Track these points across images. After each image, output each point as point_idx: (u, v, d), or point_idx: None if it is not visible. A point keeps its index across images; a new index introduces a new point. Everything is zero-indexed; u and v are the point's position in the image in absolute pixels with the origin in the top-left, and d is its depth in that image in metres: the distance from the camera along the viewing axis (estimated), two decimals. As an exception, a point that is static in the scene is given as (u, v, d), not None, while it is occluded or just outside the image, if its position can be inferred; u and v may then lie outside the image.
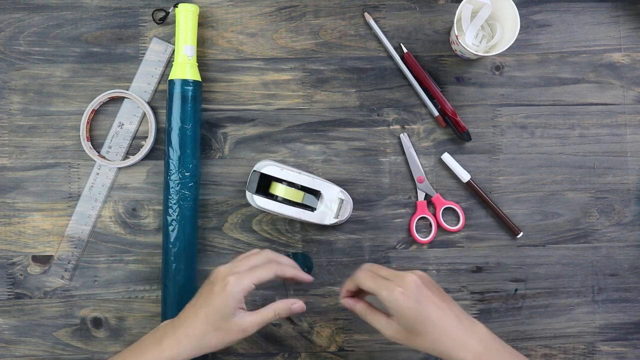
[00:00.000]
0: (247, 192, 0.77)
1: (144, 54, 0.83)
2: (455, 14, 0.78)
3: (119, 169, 0.83)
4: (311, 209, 0.78)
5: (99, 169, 0.82)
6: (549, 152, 0.83)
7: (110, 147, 0.83)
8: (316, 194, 0.79)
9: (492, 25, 0.81)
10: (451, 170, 0.83)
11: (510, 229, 0.82)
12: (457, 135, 0.82)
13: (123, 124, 0.83)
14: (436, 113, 0.82)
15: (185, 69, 0.79)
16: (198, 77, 0.80)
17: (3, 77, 0.83)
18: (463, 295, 0.83)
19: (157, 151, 0.83)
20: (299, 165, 0.83)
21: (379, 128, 0.83)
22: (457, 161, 0.82)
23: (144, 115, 0.83)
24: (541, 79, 0.84)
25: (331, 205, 0.78)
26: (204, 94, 0.83)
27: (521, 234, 0.82)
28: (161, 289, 0.80)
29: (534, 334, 0.83)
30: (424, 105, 0.83)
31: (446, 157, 0.82)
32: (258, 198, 0.77)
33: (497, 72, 0.84)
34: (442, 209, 0.82)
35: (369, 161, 0.83)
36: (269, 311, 0.67)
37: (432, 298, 0.64)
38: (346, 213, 0.79)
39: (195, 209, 0.80)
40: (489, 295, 0.83)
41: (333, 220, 0.78)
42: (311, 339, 0.82)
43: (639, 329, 0.83)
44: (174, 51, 0.82)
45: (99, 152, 0.83)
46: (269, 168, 0.77)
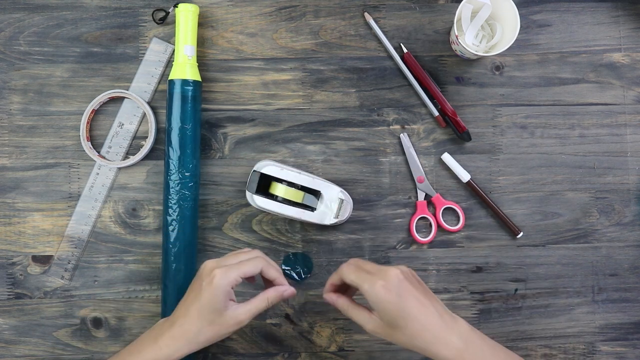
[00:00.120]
0: (247, 192, 0.77)
1: (144, 54, 0.83)
2: (455, 14, 0.78)
3: (119, 169, 0.83)
4: (311, 209, 0.78)
5: (99, 169, 0.82)
6: (549, 152, 0.83)
7: (110, 147, 0.83)
8: (316, 194, 0.79)
9: (492, 25, 0.81)
10: (451, 170, 0.83)
11: (510, 229, 0.82)
12: (457, 135, 0.82)
13: (123, 124, 0.83)
14: (436, 113, 0.82)
15: (185, 69, 0.79)
16: (198, 77, 0.80)
17: (3, 77, 0.83)
18: (463, 295, 0.83)
19: (157, 151, 0.83)
20: (299, 165, 0.83)
21: (379, 128, 0.83)
22: (457, 161, 0.82)
23: (144, 115, 0.83)
24: (541, 79, 0.84)
25: (331, 205, 0.78)
26: (204, 94, 0.83)
27: (521, 234, 0.82)
28: (161, 289, 0.80)
29: (534, 334, 0.83)
30: (424, 105, 0.83)
31: (446, 157, 0.82)
32: (258, 198, 0.77)
33: (497, 72, 0.84)
34: (442, 209, 0.82)
35: (369, 161, 0.83)
36: (261, 300, 0.69)
37: (414, 293, 0.64)
38: (346, 213, 0.79)
39: (195, 209, 0.80)
40: (489, 295, 0.83)
41: (333, 220, 0.78)
42: (311, 339, 0.82)
43: (639, 329, 0.83)
44: (174, 51, 0.82)
45: (99, 152, 0.83)
46: (269, 168, 0.77)
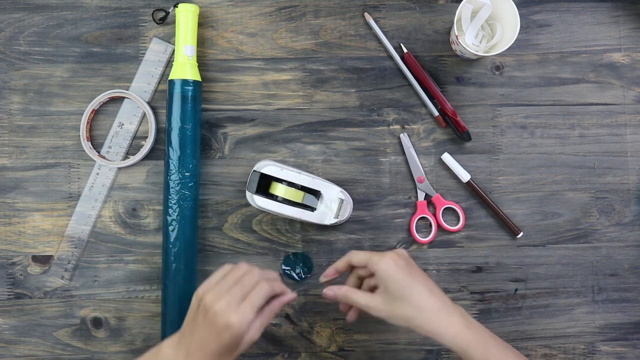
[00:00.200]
0: (247, 192, 0.77)
1: (144, 54, 0.83)
2: (455, 14, 0.78)
3: (119, 169, 0.83)
4: (311, 209, 0.78)
5: (99, 169, 0.82)
6: (549, 152, 0.83)
7: (110, 147, 0.83)
8: (316, 194, 0.79)
9: (492, 25, 0.81)
10: (451, 170, 0.83)
11: (510, 229, 0.82)
12: (457, 135, 0.82)
13: (123, 124, 0.83)
14: (436, 113, 0.82)
15: (185, 69, 0.79)
16: (198, 77, 0.80)
17: (3, 77, 0.83)
18: (463, 295, 0.83)
19: (157, 151, 0.83)
20: (299, 165, 0.82)
21: (379, 128, 0.83)
22: (457, 161, 0.82)
23: (144, 115, 0.83)
24: (541, 79, 0.84)
25: (331, 205, 0.78)
26: (204, 94, 0.83)
27: (521, 234, 0.82)
28: (161, 289, 0.80)
29: (534, 334, 0.83)
30: (424, 105, 0.83)
31: (446, 157, 0.82)
32: (258, 198, 0.77)
33: (497, 72, 0.84)
34: (442, 209, 0.82)
35: (369, 161, 0.83)
36: (269, 314, 0.67)
37: (418, 269, 0.70)
38: (346, 213, 0.79)
39: (195, 209, 0.80)
40: (489, 295, 0.83)
41: (333, 220, 0.78)
42: (311, 339, 0.82)
43: (639, 329, 0.83)
44: (174, 51, 0.82)
45: (99, 152, 0.83)
46: (269, 168, 0.77)
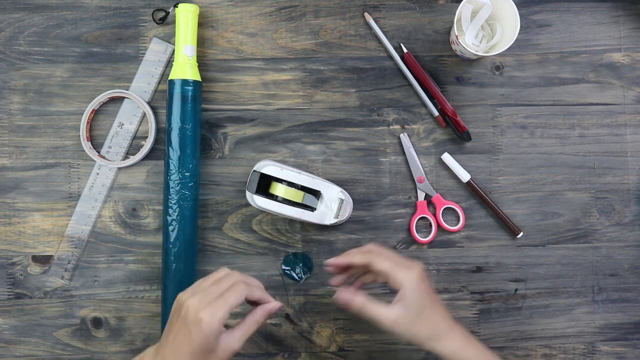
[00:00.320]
0: (247, 192, 0.77)
1: (144, 54, 0.83)
2: (455, 14, 0.78)
3: (119, 169, 0.83)
4: (311, 209, 0.78)
5: (99, 169, 0.82)
6: (549, 152, 0.83)
7: (110, 147, 0.83)
8: (316, 194, 0.79)
9: (492, 25, 0.81)
10: (451, 170, 0.83)
11: (510, 229, 0.82)
12: (457, 135, 0.82)
13: (123, 124, 0.83)
14: (436, 113, 0.82)
15: (185, 69, 0.79)
16: (198, 77, 0.80)
17: (3, 77, 0.83)
18: (463, 295, 0.83)
19: (157, 151, 0.83)
20: (299, 165, 0.83)
21: (379, 128, 0.83)
22: (457, 161, 0.82)
23: (144, 115, 0.83)
24: (541, 79, 0.84)
25: (331, 205, 0.78)
26: (204, 94, 0.83)
27: (521, 234, 0.82)
28: (161, 289, 0.80)
29: (534, 334, 0.83)
30: (424, 105, 0.83)
31: (446, 157, 0.82)
32: (258, 198, 0.77)
33: (497, 72, 0.84)
34: (442, 209, 0.82)
35: (369, 161, 0.83)
36: (251, 324, 0.66)
37: (432, 287, 0.71)
38: (346, 213, 0.79)
39: (195, 209, 0.80)
40: (489, 295, 0.83)
41: (333, 220, 0.78)
42: (311, 339, 0.82)
43: (639, 329, 0.83)
44: (174, 51, 0.82)
45: (99, 152, 0.83)
46: (269, 168, 0.77)
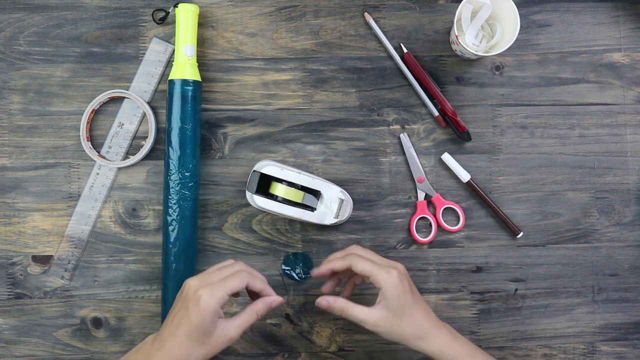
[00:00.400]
0: (247, 192, 0.77)
1: (144, 54, 0.83)
2: (455, 14, 0.78)
3: (119, 169, 0.83)
4: (311, 209, 0.78)
5: (99, 169, 0.82)
6: (549, 152, 0.83)
7: (110, 147, 0.83)
8: (316, 194, 0.79)
9: (492, 25, 0.81)
10: (451, 170, 0.83)
11: (510, 229, 0.82)
12: (457, 135, 0.82)
13: (123, 124, 0.83)
14: (436, 113, 0.82)
15: (185, 69, 0.79)
16: (198, 77, 0.80)
17: (3, 77, 0.83)
18: (463, 295, 0.83)
19: (157, 151, 0.83)
20: (299, 165, 0.83)
21: (379, 128, 0.83)
22: (457, 161, 0.82)
23: (144, 115, 0.83)
24: (541, 79, 0.84)
25: (331, 205, 0.78)
26: (204, 94, 0.83)
27: (521, 234, 0.82)
28: (161, 289, 0.80)
29: (534, 334, 0.83)
30: (424, 105, 0.83)
31: (446, 157, 0.82)
32: (258, 198, 0.77)
33: (497, 72, 0.84)
34: (442, 209, 0.82)
35: (369, 161, 0.83)
36: (250, 314, 0.66)
37: (414, 285, 0.71)
38: (346, 213, 0.79)
39: (195, 209, 0.80)
40: (489, 295, 0.83)
41: (333, 220, 0.78)
42: (311, 339, 0.82)
43: (639, 329, 0.83)
44: (174, 51, 0.82)
45: (99, 152, 0.83)
46: (269, 168, 0.77)
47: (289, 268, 0.82)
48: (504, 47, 0.76)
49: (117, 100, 0.83)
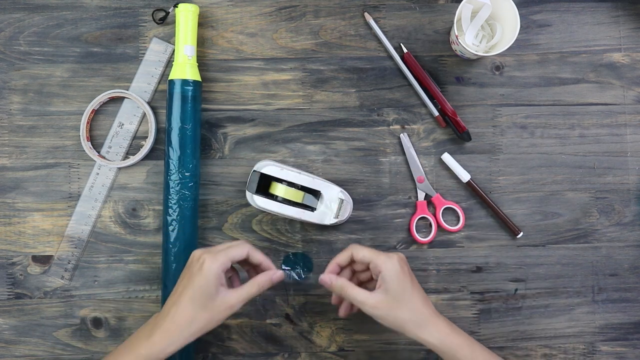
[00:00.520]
0: (247, 192, 0.77)
1: (144, 54, 0.83)
2: (455, 14, 0.78)
3: (119, 169, 0.83)
4: (311, 209, 0.78)
5: (99, 169, 0.82)
6: (549, 152, 0.83)
7: (110, 147, 0.83)
8: (316, 194, 0.79)
9: (492, 25, 0.81)
10: (451, 170, 0.83)
11: (510, 229, 0.82)
12: (457, 135, 0.82)
13: (123, 124, 0.83)
14: (436, 113, 0.82)
15: (185, 69, 0.79)
16: (198, 77, 0.80)
17: (3, 77, 0.83)
18: (463, 295, 0.83)
19: (157, 151, 0.83)
20: (299, 165, 0.83)
21: (379, 128, 0.83)
22: (457, 161, 0.82)
23: (144, 115, 0.83)
24: (541, 79, 0.84)
25: (331, 205, 0.78)
26: (204, 94, 0.83)
27: (521, 234, 0.82)
28: (161, 289, 0.80)
29: (534, 334, 0.83)
30: (424, 105, 0.83)
31: (446, 157, 0.82)
32: (258, 198, 0.77)
33: (497, 72, 0.84)
34: (442, 209, 0.82)
35: (369, 161, 0.83)
36: (252, 285, 0.69)
37: (414, 275, 0.72)
38: (346, 213, 0.79)
39: (195, 209, 0.80)
40: (489, 295, 0.83)
41: (333, 220, 0.78)
42: (311, 339, 0.82)
43: (639, 329, 0.83)
44: (174, 51, 0.82)
45: (99, 152, 0.83)
46: (269, 168, 0.77)
47: (289, 268, 0.82)
48: (504, 47, 0.76)
49: (117, 100, 0.83)
